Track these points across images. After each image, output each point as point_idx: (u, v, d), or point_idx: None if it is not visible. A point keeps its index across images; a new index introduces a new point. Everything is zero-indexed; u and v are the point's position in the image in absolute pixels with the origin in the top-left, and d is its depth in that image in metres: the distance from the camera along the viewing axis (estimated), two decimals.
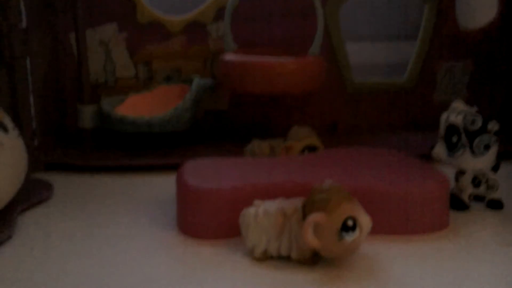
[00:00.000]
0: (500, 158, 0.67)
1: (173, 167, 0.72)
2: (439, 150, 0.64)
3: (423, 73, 0.99)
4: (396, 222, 0.58)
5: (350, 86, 0.98)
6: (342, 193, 0.50)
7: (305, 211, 0.51)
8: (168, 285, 0.49)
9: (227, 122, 0.97)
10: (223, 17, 0.89)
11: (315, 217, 0.49)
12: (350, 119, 0.99)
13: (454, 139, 0.62)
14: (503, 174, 0.67)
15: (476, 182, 0.65)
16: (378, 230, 0.57)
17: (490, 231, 0.60)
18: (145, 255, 0.54)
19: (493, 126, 0.62)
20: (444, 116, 0.64)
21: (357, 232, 0.50)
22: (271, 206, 0.53)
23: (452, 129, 0.63)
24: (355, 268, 0.52)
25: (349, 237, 0.49)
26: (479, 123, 0.61)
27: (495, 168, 0.65)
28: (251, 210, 0.53)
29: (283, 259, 0.53)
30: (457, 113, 0.63)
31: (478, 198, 0.67)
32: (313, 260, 0.52)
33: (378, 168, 0.62)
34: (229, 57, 0.85)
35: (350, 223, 0.49)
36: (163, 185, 0.73)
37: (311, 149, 0.73)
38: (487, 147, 0.62)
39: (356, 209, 0.50)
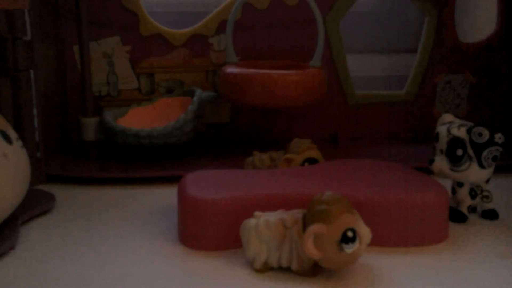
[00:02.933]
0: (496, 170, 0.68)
1: (174, 179, 0.73)
2: (441, 163, 0.64)
3: (423, 85, 0.99)
4: (396, 234, 0.58)
5: (351, 98, 0.99)
6: (343, 204, 0.51)
7: (306, 222, 0.51)
8: None
9: (228, 134, 0.97)
10: (225, 29, 0.90)
11: (315, 228, 0.50)
12: (350, 131, 1.00)
13: (459, 152, 0.62)
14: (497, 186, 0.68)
15: (472, 193, 0.65)
16: (378, 241, 0.57)
17: (489, 242, 0.60)
18: (147, 266, 0.55)
19: (499, 138, 0.62)
20: (443, 130, 0.64)
21: (357, 243, 0.50)
22: (272, 217, 0.53)
23: (456, 142, 0.62)
24: (354, 280, 0.52)
25: (349, 248, 0.50)
26: (486, 135, 0.62)
27: (487, 179, 0.66)
28: (251, 221, 0.54)
29: (284, 270, 0.53)
30: (458, 126, 0.63)
31: (472, 209, 0.67)
32: (313, 271, 0.52)
33: (378, 180, 0.63)
34: (231, 69, 0.85)
35: (350, 234, 0.50)
36: (165, 197, 0.73)
37: (312, 161, 0.73)
38: (494, 159, 0.63)
39: (356, 220, 0.51)
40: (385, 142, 0.99)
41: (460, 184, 0.65)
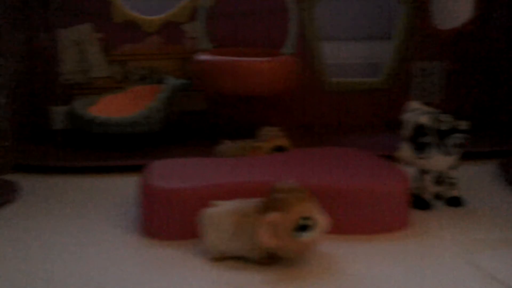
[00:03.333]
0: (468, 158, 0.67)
1: (143, 168, 0.72)
2: (406, 151, 0.64)
3: (399, 73, 0.99)
4: (356, 221, 0.58)
5: (327, 86, 0.98)
6: (300, 193, 0.50)
7: (263, 211, 0.51)
8: (127, 285, 0.49)
9: (204, 122, 0.97)
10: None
11: (271, 217, 0.49)
12: (326, 118, 0.99)
13: (423, 139, 0.62)
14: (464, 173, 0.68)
15: (437, 181, 0.65)
16: (339, 229, 0.57)
17: (450, 229, 0.59)
18: (106, 256, 0.54)
19: (463, 125, 0.62)
20: (408, 117, 0.63)
21: (312, 231, 0.50)
22: (230, 206, 0.53)
23: (420, 129, 0.62)
24: (312, 268, 0.51)
25: (305, 236, 0.49)
26: (450, 122, 0.61)
27: (454, 167, 0.66)
28: (210, 211, 0.53)
29: (241, 259, 0.53)
30: (423, 113, 0.63)
31: (438, 196, 0.67)
32: (270, 259, 0.52)
33: (341, 168, 0.62)
34: (203, 57, 0.85)
35: (305, 222, 0.49)
36: (132, 186, 0.73)
37: (280, 149, 0.73)
38: (458, 146, 0.62)
39: (313, 209, 0.50)
40: (360, 129, 0.99)
41: (425, 172, 0.65)
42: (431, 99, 1.00)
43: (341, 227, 0.57)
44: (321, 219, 0.50)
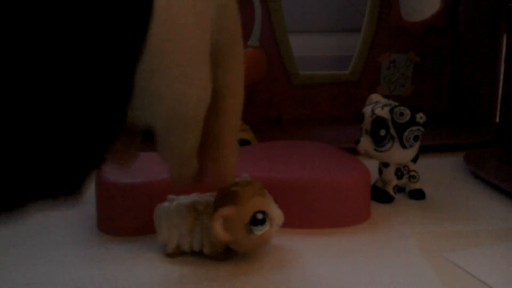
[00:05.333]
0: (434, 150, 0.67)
1: None
2: (365, 144, 0.63)
3: (367, 65, 0.99)
4: (314, 215, 0.57)
5: (295, 79, 0.98)
6: (253, 187, 0.50)
7: (216, 205, 0.50)
8: (79, 282, 0.48)
9: None
10: None
11: (224, 210, 0.48)
12: (294, 112, 0.99)
13: (382, 132, 0.62)
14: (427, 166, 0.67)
15: (398, 174, 0.65)
16: (297, 224, 0.56)
17: (408, 223, 0.59)
18: (60, 252, 0.53)
19: (421, 117, 0.61)
20: (368, 110, 0.63)
21: (267, 225, 0.49)
22: (184, 200, 0.52)
23: (379, 122, 0.62)
24: (267, 263, 0.51)
25: (259, 231, 0.49)
26: (408, 115, 0.61)
27: (414, 159, 0.65)
28: (163, 205, 0.52)
29: (196, 255, 0.52)
30: (382, 106, 0.62)
31: (399, 189, 0.67)
32: (225, 255, 0.51)
33: (301, 161, 0.62)
34: None
35: (259, 216, 0.49)
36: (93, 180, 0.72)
37: (243, 143, 0.72)
38: (416, 139, 0.62)
39: (267, 203, 0.50)
40: (329, 123, 0.99)
41: (386, 165, 0.64)
42: (400, 92, 1.00)
43: (301, 221, 0.57)
44: (276, 214, 0.50)
